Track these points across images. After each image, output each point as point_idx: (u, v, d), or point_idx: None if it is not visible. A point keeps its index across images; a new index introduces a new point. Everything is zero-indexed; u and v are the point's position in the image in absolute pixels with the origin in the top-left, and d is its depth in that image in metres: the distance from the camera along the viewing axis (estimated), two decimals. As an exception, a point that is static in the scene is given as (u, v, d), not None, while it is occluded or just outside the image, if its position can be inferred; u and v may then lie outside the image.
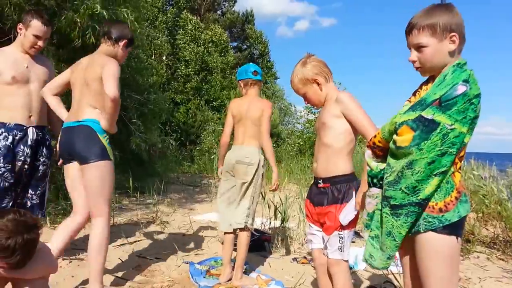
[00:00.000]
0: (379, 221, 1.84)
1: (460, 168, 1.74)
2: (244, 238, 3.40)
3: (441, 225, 1.67)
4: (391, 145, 1.76)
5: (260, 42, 25.70)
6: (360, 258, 3.92)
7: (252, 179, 3.38)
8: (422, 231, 1.70)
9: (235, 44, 26.53)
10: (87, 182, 2.82)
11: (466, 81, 1.64)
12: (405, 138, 1.67)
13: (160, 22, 16.30)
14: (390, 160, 1.78)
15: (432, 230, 1.69)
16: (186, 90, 15.51)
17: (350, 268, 3.77)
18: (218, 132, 12.68)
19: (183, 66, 16.38)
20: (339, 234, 2.37)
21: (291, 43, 62.22)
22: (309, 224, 2.59)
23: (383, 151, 1.87)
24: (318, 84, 2.43)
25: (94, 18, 4.81)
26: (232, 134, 3.62)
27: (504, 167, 5.85)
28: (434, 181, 1.64)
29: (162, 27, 15.99)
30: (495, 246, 4.56)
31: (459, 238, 1.74)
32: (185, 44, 17.04)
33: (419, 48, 1.77)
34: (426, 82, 1.87)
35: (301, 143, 14.17)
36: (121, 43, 3.07)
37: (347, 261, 2.43)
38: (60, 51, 5.49)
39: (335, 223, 2.36)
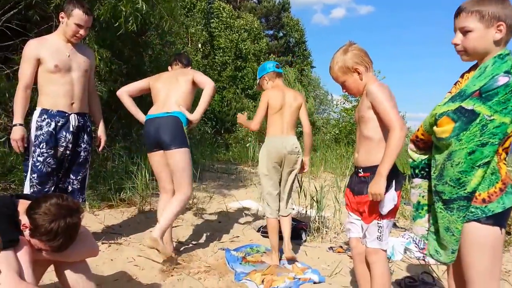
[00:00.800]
0: (436, 216, 1.84)
1: (505, 159, 1.72)
2: (289, 221, 3.67)
3: (484, 215, 1.67)
4: (433, 137, 1.77)
5: (297, 30, 25.46)
6: (397, 248, 3.87)
7: (298, 167, 3.66)
8: (465, 221, 1.70)
9: (271, 32, 26.41)
10: (175, 165, 3.37)
11: (507, 72, 1.63)
12: (445, 129, 1.68)
13: (198, 10, 16.38)
14: (435, 153, 1.79)
15: (475, 220, 1.69)
16: (222, 79, 15.61)
17: (388, 259, 3.72)
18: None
19: (220, 54, 16.45)
20: (378, 223, 2.36)
21: (327, 31, 61.21)
22: (349, 213, 2.59)
23: (425, 144, 1.88)
24: (358, 73, 2.39)
25: (135, 7, 4.89)
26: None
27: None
28: (479, 172, 1.64)
29: (199, 16, 16.08)
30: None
31: (502, 229, 1.73)
32: (221, 32, 17.09)
33: (464, 31, 1.76)
34: (468, 72, 1.85)
35: (337, 132, 14.00)
36: (190, 67, 3.91)
37: (385, 250, 2.42)
38: (102, 38, 5.60)
39: (374, 212, 2.36)
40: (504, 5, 1.72)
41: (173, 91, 3.48)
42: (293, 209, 3.76)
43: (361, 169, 2.43)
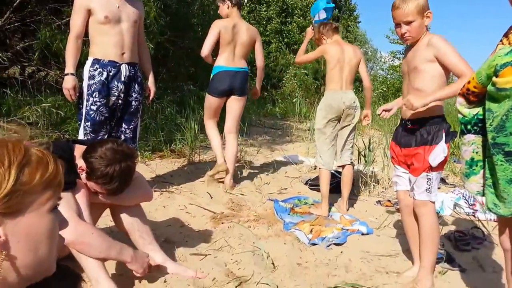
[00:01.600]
0: (492, 169, 1.77)
1: None
2: (350, 172, 3.80)
3: None
4: (490, 88, 1.69)
5: (344, -17, 24.34)
6: (447, 203, 3.81)
7: (356, 121, 3.77)
8: None
9: (318, -15, 25.35)
10: (238, 110, 4.29)
11: None
12: (509, 79, 1.60)
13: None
14: (490, 105, 1.71)
15: None
16: (267, 33, 15.36)
17: (437, 214, 3.67)
18: (300, 76, 12.51)
19: (264, 8, 16.14)
20: (427, 175, 2.34)
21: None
22: (395, 166, 2.57)
23: (476, 97, 1.81)
24: (428, 18, 2.32)
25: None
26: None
27: None
28: None
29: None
30: None
31: None
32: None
33: None
34: None
35: (384, 89, 13.62)
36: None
37: (434, 202, 2.40)
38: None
39: (424, 165, 2.34)
40: None
41: (240, 47, 4.09)
42: (352, 162, 3.81)
43: (409, 122, 2.40)
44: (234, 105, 4.24)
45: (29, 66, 6.25)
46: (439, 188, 4.43)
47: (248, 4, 15.57)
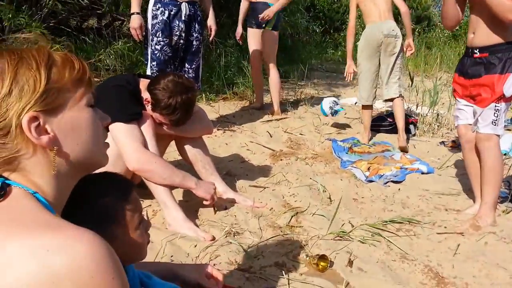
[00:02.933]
0: None
1: None
2: (400, 105, 3.81)
3: None
4: None
5: None
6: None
7: (400, 51, 3.74)
8: None
9: None
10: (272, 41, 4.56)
11: None
12: None
13: None
14: None
15: None
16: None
17: (504, 154, 3.52)
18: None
19: None
20: (495, 106, 2.23)
21: None
22: (457, 99, 2.46)
23: None
24: None
25: None
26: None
27: None
28: None
29: None
30: None
31: None
32: None
33: None
34: None
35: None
36: None
37: (499, 136, 2.30)
38: None
39: (493, 95, 2.22)
40: None
41: None
42: (401, 94, 3.85)
43: (478, 50, 2.27)
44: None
45: (105, 17, 6.53)
46: (509, 129, 4.26)
47: None
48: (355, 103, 5.65)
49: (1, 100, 0.73)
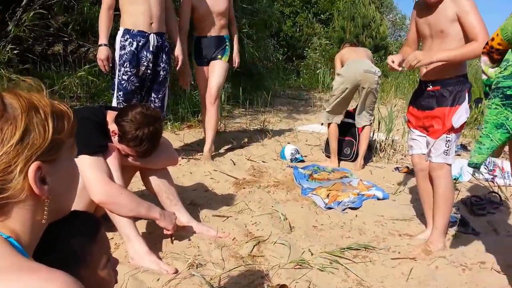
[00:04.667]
0: (487, 122, 1.78)
1: None
2: (368, 132, 4.22)
3: None
4: None
5: None
6: (465, 169, 3.85)
7: (377, 86, 4.05)
8: None
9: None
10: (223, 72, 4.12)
11: None
12: None
13: None
14: (510, 55, 1.71)
15: None
16: (295, 3, 15.16)
17: (455, 179, 3.73)
18: (324, 46, 12.42)
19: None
20: (447, 137, 2.36)
21: None
22: (411, 130, 2.59)
23: (501, 55, 1.78)
24: None
25: None
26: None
27: None
28: None
29: None
30: None
31: None
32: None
33: None
34: None
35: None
36: None
37: (450, 165, 2.43)
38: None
39: (444, 126, 2.35)
40: None
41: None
42: (371, 122, 4.30)
43: (430, 83, 2.40)
44: None
45: (71, 43, 6.51)
46: (459, 155, 4.52)
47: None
48: (321, 124, 5.83)
49: (12, 147, 0.74)
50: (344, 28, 12.06)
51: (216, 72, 4.08)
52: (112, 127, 2.23)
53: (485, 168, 3.89)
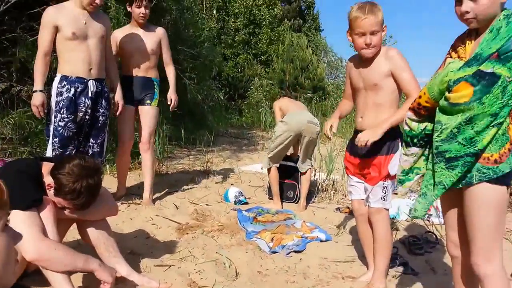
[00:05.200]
0: (428, 180, 1.87)
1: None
2: (309, 175, 4.38)
3: (495, 176, 1.69)
4: (442, 103, 1.75)
5: (307, -7, 25.08)
6: (402, 208, 4.01)
7: (318, 135, 4.28)
8: (475, 182, 1.71)
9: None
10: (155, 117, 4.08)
11: None
12: (463, 93, 1.66)
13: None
14: (441, 117, 1.76)
15: (485, 181, 1.70)
16: (235, 44, 15.57)
17: (392, 219, 3.87)
18: (265, 87, 12.75)
19: (232, 20, 16.37)
20: (383, 184, 2.44)
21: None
22: (349, 176, 2.68)
23: (428, 111, 1.86)
24: (383, 32, 2.40)
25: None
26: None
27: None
28: (492, 131, 1.65)
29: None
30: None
31: (509, 189, 1.76)
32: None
33: None
34: (468, 37, 1.82)
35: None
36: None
37: (388, 209, 2.52)
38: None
39: (380, 174, 2.43)
40: None
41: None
42: (312, 165, 4.46)
43: None
44: None
45: (3, 83, 6.23)
46: (396, 193, 4.70)
47: (216, 15, 15.74)
48: (261, 168, 5.89)
49: None
50: (284, 70, 12.47)
51: (147, 119, 3.98)
52: (48, 180, 2.14)
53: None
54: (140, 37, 3.90)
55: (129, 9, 3.89)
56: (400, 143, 2.40)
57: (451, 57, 1.85)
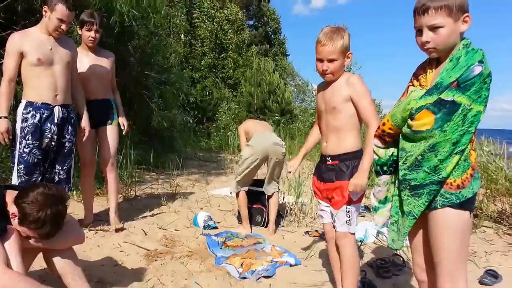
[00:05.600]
0: (398, 207, 1.92)
1: (473, 145, 1.79)
2: (276, 198, 4.39)
3: (458, 201, 1.74)
4: (405, 130, 1.80)
5: (274, 19, 25.75)
6: (370, 231, 4.09)
7: (284, 157, 4.30)
8: (439, 207, 1.76)
9: (252, 22, 26.46)
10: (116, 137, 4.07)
11: (481, 61, 1.68)
12: (425, 121, 1.71)
13: (179, 1, 16.33)
14: (405, 144, 1.82)
15: (449, 206, 1.75)
16: (202, 68, 15.70)
17: (360, 241, 3.94)
18: (233, 110, 12.86)
19: (199, 44, 16.55)
20: (347, 208, 2.48)
21: (306, 21, 62.16)
22: (318, 201, 2.72)
23: (392, 138, 1.91)
24: (349, 59, 2.46)
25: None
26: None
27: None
28: (455, 159, 1.70)
29: (181, 6, 16.02)
30: (502, 222, 4.65)
31: (471, 213, 1.81)
32: (201, 23, 17.14)
33: (434, 28, 1.76)
34: (429, 65, 1.88)
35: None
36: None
37: (354, 234, 2.56)
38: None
39: (343, 198, 2.47)
40: None
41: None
42: (278, 188, 4.45)
43: (329, 158, 2.53)
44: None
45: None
46: (363, 216, 4.80)
47: (184, 40, 15.88)
48: (230, 193, 5.89)
49: None
50: (251, 93, 12.62)
51: (110, 139, 4.00)
52: (12, 208, 2.10)
53: (388, 230, 4.14)
54: (94, 61, 3.93)
55: (79, 32, 3.91)
56: None
57: (413, 85, 1.91)
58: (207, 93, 13.45)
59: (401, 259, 3.54)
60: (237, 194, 4.32)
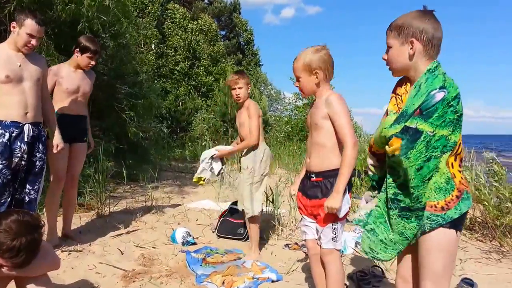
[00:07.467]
0: (377, 217, 1.95)
1: (459, 166, 1.81)
2: (255, 222, 3.92)
3: (444, 222, 1.76)
4: (387, 153, 1.84)
5: (246, 30, 25.97)
6: (349, 243, 4.09)
7: None
8: (427, 230, 1.79)
9: (223, 33, 26.58)
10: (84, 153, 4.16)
11: (442, 87, 1.69)
12: (395, 147, 1.76)
13: (149, 12, 16.17)
14: (393, 164, 1.85)
15: (436, 227, 1.78)
16: (175, 76, 15.55)
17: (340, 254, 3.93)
18: (208, 119, 12.78)
19: (172, 53, 16.41)
20: (333, 225, 2.47)
21: (277, 30, 63.03)
22: (302, 216, 2.69)
23: (381, 156, 1.97)
24: (316, 77, 2.48)
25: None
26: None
27: (480, 149, 6.06)
28: (429, 185, 1.75)
29: (151, 17, 15.87)
30: (474, 228, 4.74)
31: (458, 232, 1.83)
32: (173, 33, 17.04)
33: (388, 48, 1.88)
34: (406, 81, 1.92)
35: (289, 129, 14.34)
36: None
37: (339, 250, 2.55)
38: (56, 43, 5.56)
39: (329, 216, 2.45)
40: (423, 20, 1.79)
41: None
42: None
43: (314, 174, 2.52)
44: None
45: None
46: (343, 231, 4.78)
47: (156, 50, 15.72)
48: (210, 204, 5.82)
49: None
50: (225, 103, 12.57)
51: (81, 156, 4.11)
52: None
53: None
54: (81, 78, 4.00)
55: (76, 55, 3.91)
56: (347, 186, 2.42)
57: (390, 102, 1.94)
58: (180, 102, 13.32)
59: (380, 269, 3.56)
60: (256, 217, 3.89)
